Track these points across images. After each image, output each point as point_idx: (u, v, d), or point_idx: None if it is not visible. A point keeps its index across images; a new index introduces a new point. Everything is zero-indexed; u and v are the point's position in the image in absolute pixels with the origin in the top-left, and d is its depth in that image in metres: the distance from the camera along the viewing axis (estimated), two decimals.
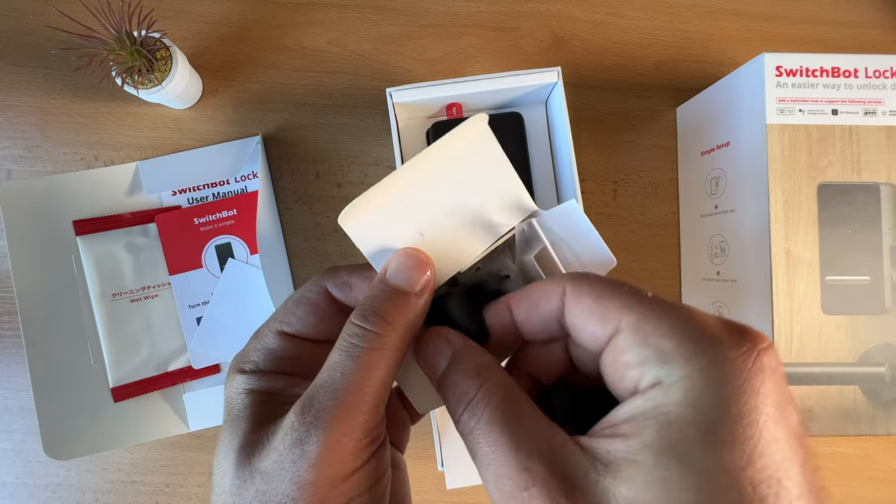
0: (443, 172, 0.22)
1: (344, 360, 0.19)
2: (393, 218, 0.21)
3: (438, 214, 0.22)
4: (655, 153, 0.46)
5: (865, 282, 0.34)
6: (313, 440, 0.18)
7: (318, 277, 0.23)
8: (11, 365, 0.44)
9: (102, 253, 0.43)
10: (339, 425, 0.18)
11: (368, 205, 0.21)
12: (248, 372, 0.21)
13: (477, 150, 0.22)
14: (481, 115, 0.21)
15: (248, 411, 0.20)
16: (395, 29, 0.45)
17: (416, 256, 0.21)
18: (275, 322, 0.22)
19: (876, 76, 0.35)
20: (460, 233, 0.22)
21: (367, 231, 0.21)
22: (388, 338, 0.19)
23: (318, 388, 0.19)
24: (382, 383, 0.19)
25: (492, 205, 0.22)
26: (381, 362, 0.19)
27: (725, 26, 0.46)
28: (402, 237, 0.21)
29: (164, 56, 0.39)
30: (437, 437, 0.34)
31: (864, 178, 0.34)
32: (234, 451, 0.19)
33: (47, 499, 0.44)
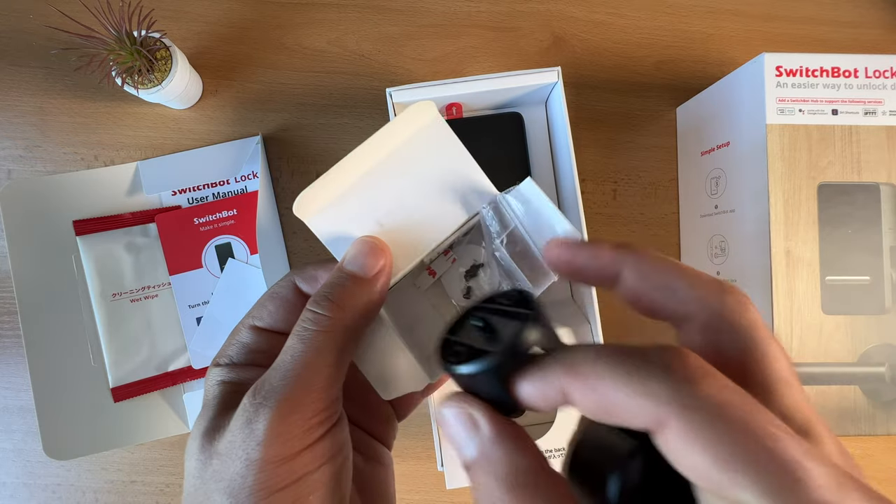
0: (397, 161, 0.22)
1: (295, 344, 0.20)
2: (351, 209, 0.22)
3: (396, 204, 0.22)
4: (655, 153, 0.46)
5: (865, 282, 0.34)
6: (261, 419, 0.18)
7: (288, 273, 0.24)
8: (11, 365, 0.44)
9: (102, 253, 0.43)
10: (286, 404, 0.18)
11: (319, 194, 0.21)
12: (222, 365, 0.22)
13: (429, 137, 0.22)
14: (428, 102, 0.22)
15: (216, 400, 0.21)
16: (395, 29, 0.45)
17: (371, 243, 0.21)
18: (248, 318, 0.23)
19: (876, 76, 0.35)
20: (420, 221, 0.23)
21: (327, 223, 0.22)
22: (337, 320, 0.20)
23: (270, 372, 0.19)
24: (332, 364, 0.19)
25: (450, 191, 0.23)
26: (331, 344, 0.20)
27: (725, 26, 0.46)
28: (361, 227, 0.22)
29: (164, 56, 0.39)
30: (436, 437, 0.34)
31: (864, 178, 0.34)
32: (199, 436, 0.20)
33: (47, 499, 0.44)
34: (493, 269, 0.24)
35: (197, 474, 0.19)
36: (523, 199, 0.23)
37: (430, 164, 0.22)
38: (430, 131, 0.22)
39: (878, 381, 0.34)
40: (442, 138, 0.22)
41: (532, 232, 0.23)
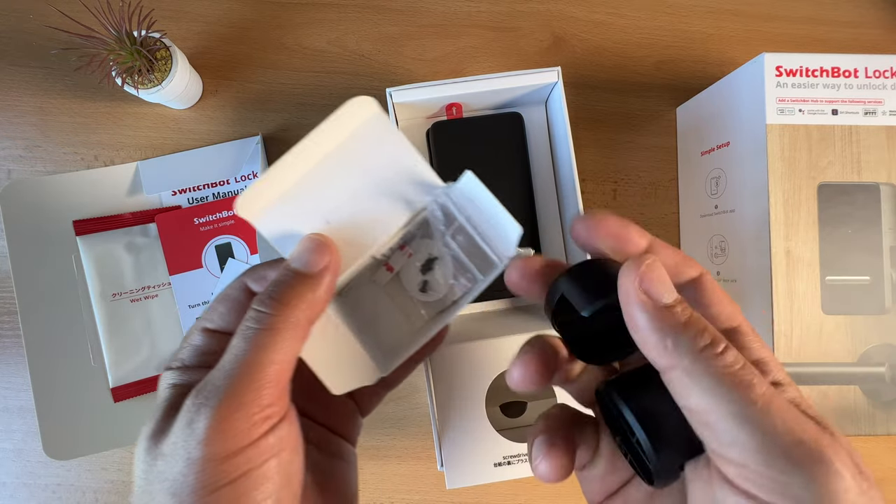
0: (341, 157, 0.22)
1: (238, 343, 0.20)
2: (297, 208, 0.22)
3: (342, 200, 0.22)
4: (655, 153, 0.46)
5: (865, 282, 0.34)
6: (202, 418, 0.18)
7: (240, 275, 0.24)
8: (11, 365, 0.44)
9: (102, 253, 0.43)
10: (227, 402, 0.18)
11: (261, 193, 0.21)
12: (174, 368, 0.22)
13: (373, 132, 0.22)
14: (367, 98, 0.22)
15: (164, 403, 0.21)
16: (395, 29, 0.45)
17: (316, 240, 0.22)
18: (200, 320, 0.23)
19: (876, 76, 0.35)
20: (368, 217, 0.23)
21: (274, 222, 0.22)
22: (280, 318, 0.20)
23: (213, 372, 0.20)
24: (275, 362, 0.20)
25: (396, 186, 0.23)
26: (273, 341, 0.20)
27: (725, 26, 0.46)
28: (308, 225, 0.22)
29: (164, 56, 0.39)
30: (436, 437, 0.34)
31: (864, 178, 0.34)
32: (146, 438, 0.20)
33: (47, 499, 0.44)
34: (448, 263, 0.24)
35: (143, 476, 0.19)
36: (466, 193, 0.23)
37: (374, 159, 0.22)
38: (372, 126, 0.22)
39: (878, 381, 0.34)
40: (385, 133, 0.23)
41: (477, 225, 0.23)
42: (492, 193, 0.22)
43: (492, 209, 0.22)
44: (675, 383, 0.17)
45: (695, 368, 0.16)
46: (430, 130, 0.41)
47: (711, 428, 0.16)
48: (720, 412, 0.16)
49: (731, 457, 0.16)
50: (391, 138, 0.23)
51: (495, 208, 0.22)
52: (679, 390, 0.17)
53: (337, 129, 0.22)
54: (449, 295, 0.25)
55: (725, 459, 0.16)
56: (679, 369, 0.16)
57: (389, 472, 0.44)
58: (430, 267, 0.25)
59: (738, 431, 0.15)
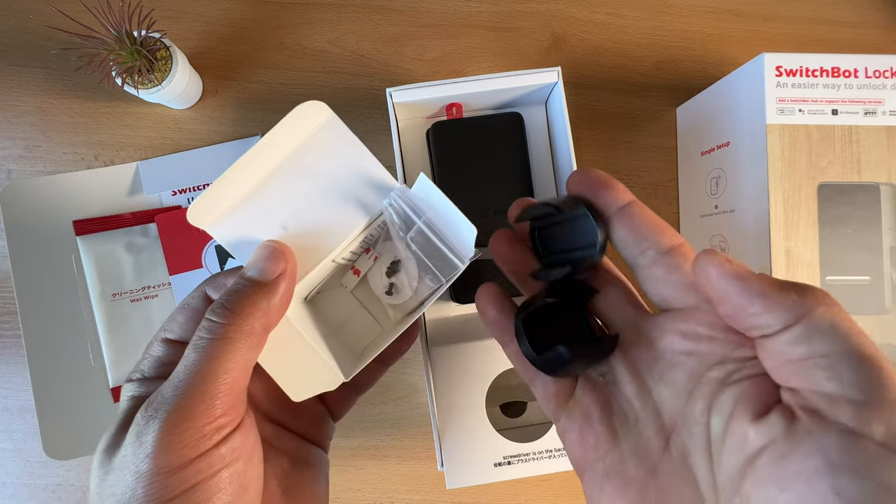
0: (296, 162, 0.22)
1: (189, 354, 0.19)
2: (254, 214, 0.22)
3: (299, 206, 0.22)
4: (655, 153, 0.46)
5: (866, 282, 0.34)
6: (150, 431, 0.18)
7: (201, 284, 0.24)
8: (11, 365, 0.44)
9: (102, 253, 0.43)
10: (176, 414, 0.18)
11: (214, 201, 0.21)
12: (134, 380, 0.22)
13: (327, 136, 0.22)
14: (318, 102, 0.22)
15: (121, 416, 0.21)
16: (395, 29, 0.45)
17: (272, 247, 0.21)
18: (161, 331, 0.23)
19: (876, 76, 0.35)
20: (325, 221, 0.22)
21: (230, 229, 0.22)
22: (233, 327, 0.20)
23: (164, 384, 0.19)
24: (228, 371, 0.19)
25: (353, 190, 0.23)
26: (226, 351, 0.19)
27: (725, 26, 0.46)
28: (265, 232, 0.22)
29: (164, 56, 0.39)
30: (436, 437, 0.34)
31: (864, 178, 0.34)
32: (100, 452, 0.20)
33: (47, 499, 0.44)
34: (411, 265, 0.24)
35: (96, 490, 0.19)
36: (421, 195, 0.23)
37: (330, 163, 0.22)
38: (327, 130, 0.22)
39: None
40: (340, 137, 0.23)
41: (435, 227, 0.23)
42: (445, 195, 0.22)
43: (447, 211, 0.22)
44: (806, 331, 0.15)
45: (822, 315, 0.15)
46: (430, 130, 0.41)
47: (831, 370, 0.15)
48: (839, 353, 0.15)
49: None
50: (347, 142, 0.23)
51: (450, 210, 0.22)
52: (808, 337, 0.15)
53: (289, 134, 0.22)
54: (416, 296, 0.25)
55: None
56: (811, 316, 0.15)
57: (389, 472, 0.44)
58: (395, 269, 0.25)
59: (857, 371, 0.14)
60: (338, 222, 0.23)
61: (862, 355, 0.14)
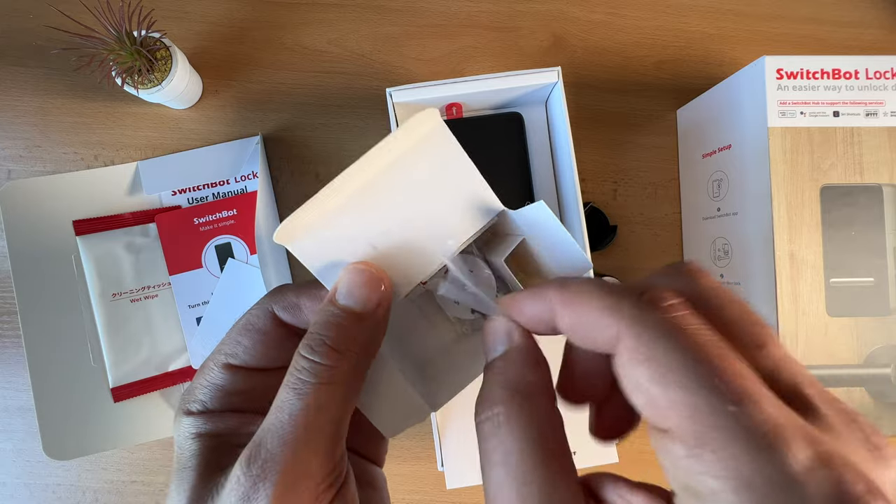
0: (392, 176, 0.19)
1: (292, 400, 0.17)
2: (340, 231, 0.19)
3: (392, 224, 0.19)
4: (655, 153, 0.46)
5: (870, 283, 0.34)
6: (261, 495, 0.16)
7: (263, 300, 0.20)
8: (11, 365, 0.44)
9: (102, 253, 0.43)
10: (289, 475, 0.16)
11: (308, 219, 0.19)
12: (195, 413, 0.19)
13: (432, 148, 0.19)
14: (432, 110, 0.19)
15: (195, 460, 0.18)
16: (395, 29, 0.45)
17: (368, 272, 0.18)
18: (220, 354, 0.20)
19: (877, 77, 0.35)
20: (419, 242, 0.20)
21: (313, 247, 0.19)
22: (339, 369, 0.17)
23: (264, 434, 0.17)
24: (337, 420, 0.17)
25: (453, 209, 0.20)
26: (333, 397, 0.17)
27: (726, 26, 0.46)
28: (353, 251, 0.19)
29: (164, 56, 0.39)
30: (437, 437, 0.34)
31: (866, 179, 0.34)
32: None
33: (47, 499, 0.44)
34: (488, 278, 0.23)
35: None
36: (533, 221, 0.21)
37: (430, 177, 0.20)
38: (430, 141, 0.19)
39: (884, 382, 0.34)
40: (444, 149, 0.20)
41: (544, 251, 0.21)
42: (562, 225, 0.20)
43: (562, 241, 0.20)
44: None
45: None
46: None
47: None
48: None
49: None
50: (453, 156, 0.20)
51: (566, 241, 0.20)
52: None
53: (397, 146, 0.19)
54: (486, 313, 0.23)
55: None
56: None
57: (389, 473, 0.44)
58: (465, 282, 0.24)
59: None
60: (431, 243, 0.20)
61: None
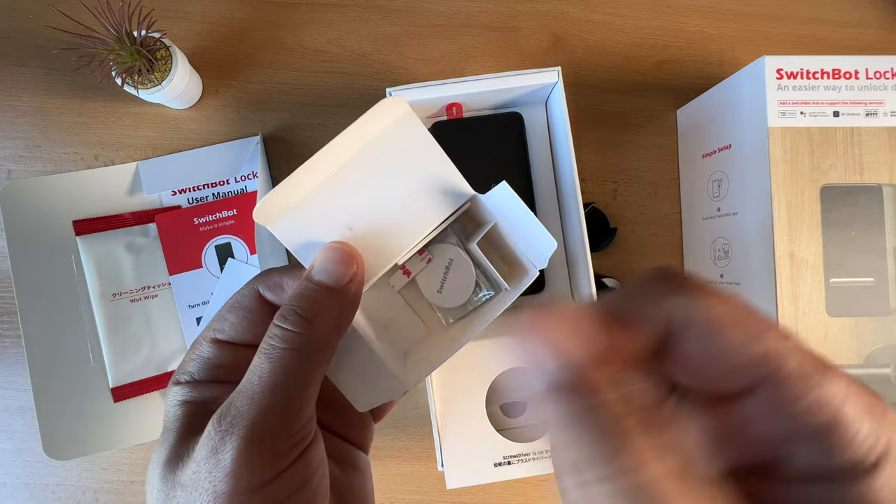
0: (366, 161, 0.21)
1: (262, 363, 0.18)
2: (318, 214, 0.21)
3: (367, 206, 0.21)
4: (655, 153, 0.46)
5: (870, 283, 0.34)
6: (228, 448, 0.17)
7: (251, 281, 0.22)
8: (11, 365, 0.44)
9: (102, 253, 0.43)
10: (255, 430, 0.17)
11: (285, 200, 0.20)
12: (182, 383, 0.21)
13: (401, 135, 0.21)
14: (398, 97, 0.20)
15: (177, 423, 0.19)
16: (395, 29, 0.45)
17: (341, 250, 0.20)
18: (209, 330, 0.21)
19: (877, 77, 0.35)
20: (393, 223, 0.21)
21: (293, 228, 0.20)
22: (307, 336, 0.19)
23: (235, 395, 0.18)
24: (303, 384, 0.18)
25: (424, 192, 0.21)
26: (301, 362, 0.18)
27: (726, 26, 0.46)
28: (330, 232, 0.21)
29: (164, 56, 0.39)
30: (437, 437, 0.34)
31: (866, 179, 0.34)
32: (160, 463, 0.19)
33: (47, 499, 0.44)
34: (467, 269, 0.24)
35: None
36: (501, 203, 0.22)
37: (402, 162, 0.21)
38: (401, 128, 0.21)
39: (884, 382, 0.34)
40: (414, 135, 0.21)
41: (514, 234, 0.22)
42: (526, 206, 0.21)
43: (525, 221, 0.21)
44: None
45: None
46: (429, 130, 0.41)
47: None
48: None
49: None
50: (421, 140, 0.21)
51: (529, 221, 0.21)
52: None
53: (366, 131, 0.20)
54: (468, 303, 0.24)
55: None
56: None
57: (389, 472, 0.44)
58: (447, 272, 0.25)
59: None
60: (406, 225, 0.21)
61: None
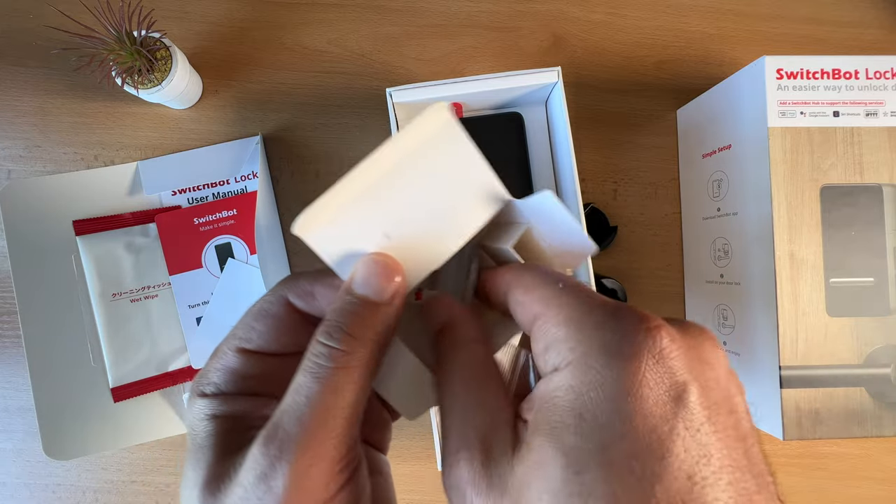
0: (405, 169, 0.20)
1: (309, 383, 0.17)
2: (354, 222, 0.20)
3: (404, 214, 0.20)
4: (655, 153, 0.46)
5: (870, 283, 0.34)
6: (279, 474, 0.16)
7: (277, 287, 0.21)
8: (11, 365, 0.44)
9: (102, 253, 0.43)
10: (306, 456, 0.17)
11: (326, 210, 0.19)
12: (209, 395, 0.20)
13: (441, 141, 0.20)
14: (441, 104, 0.20)
15: (211, 440, 0.19)
16: (395, 29, 0.45)
17: (384, 262, 0.19)
18: (234, 339, 0.20)
19: (877, 77, 0.35)
20: (430, 231, 0.21)
21: (328, 238, 0.20)
22: (355, 354, 0.18)
23: (282, 415, 0.17)
24: (353, 404, 0.18)
25: (462, 198, 0.21)
26: (349, 382, 0.18)
27: (726, 26, 0.46)
28: (367, 242, 0.20)
29: (164, 56, 0.39)
30: (437, 437, 0.34)
31: (866, 179, 0.34)
32: (199, 486, 0.18)
33: (47, 499, 0.44)
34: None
35: None
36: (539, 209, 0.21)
37: (438, 168, 0.20)
38: (439, 133, 0.20)
39: (884, 382, 0.34)
40: (453, 142, 0.20)
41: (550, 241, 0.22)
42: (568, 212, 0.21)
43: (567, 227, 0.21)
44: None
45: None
46: None
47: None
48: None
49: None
50: (462, 148, 0.20)
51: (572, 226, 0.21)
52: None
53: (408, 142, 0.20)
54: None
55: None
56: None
57: None
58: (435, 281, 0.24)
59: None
60: (442, 234, 0.21)
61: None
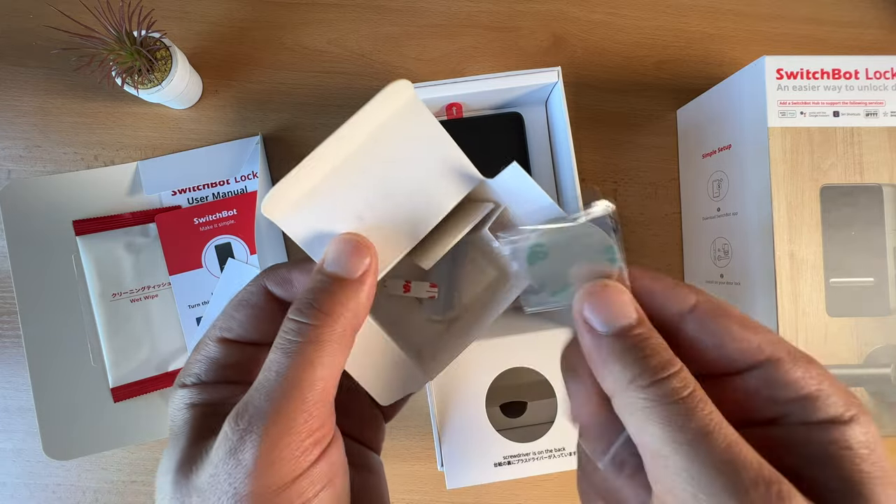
0: (372, 148, 0.20)
1: (279, 358, 0.17)
2: (326, 205, 0.20)
3: (376, 195, 0.20)
4: (655, 153, 0.46)
5: (870, 283, 0.34)
6: (248, 447, 0.16)
7: (257, 277, 0.21)
8: (11, 365, 0.44)
9: (102, 253, 0.43)
10: (275, 428, 0.16)
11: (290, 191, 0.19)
12: (189, 385, 0.20)
13: (406, 120, 0.20)
14: (403, 81, 0.20)
15: (186, 427, 0.19)
16: (395, 29, 0.45)
17: (354, 241, 0.19)
18: (215, 329, 0.21)
19: (877, 77, 0.35)
20: (403, 213, 0.21)
21: (302, 221, 0.20)
22: (325, 329, 0.18)
23: (252, 392, 0.17)
24: (323, 378, 0.18)
25: (433, 179, 0.21)
26: (320, 356, 0.18)
27: (726, 26, 0.46)
28: (340, 224, 0.20)
29: (164, 56, 0.39)
30: (437, 437, 0.34)
31: (866, 179, 0.34)
32: (172, 469, 0.18)
33: (47, 499, 0.44)
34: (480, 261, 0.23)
35: None
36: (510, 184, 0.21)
37: (409, 149, 0.20)
38: (406, 113, 0.20)
39: (884, 382, 0.34)
40: (420, 120, 0.20)
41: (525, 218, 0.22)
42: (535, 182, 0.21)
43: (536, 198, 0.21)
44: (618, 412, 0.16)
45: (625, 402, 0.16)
46: None
47: (645, 456, 0.15)
48: (648, 442, 0.15)
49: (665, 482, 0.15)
50: (428, 127, 0.20)
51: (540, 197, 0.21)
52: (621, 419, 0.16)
53: (372, 118, 0.20)
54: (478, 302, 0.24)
55: (662, 487, 0.15)
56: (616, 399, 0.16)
57: (389, 473, 0.44)
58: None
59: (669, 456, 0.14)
60: (416, 213, 0.21)
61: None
